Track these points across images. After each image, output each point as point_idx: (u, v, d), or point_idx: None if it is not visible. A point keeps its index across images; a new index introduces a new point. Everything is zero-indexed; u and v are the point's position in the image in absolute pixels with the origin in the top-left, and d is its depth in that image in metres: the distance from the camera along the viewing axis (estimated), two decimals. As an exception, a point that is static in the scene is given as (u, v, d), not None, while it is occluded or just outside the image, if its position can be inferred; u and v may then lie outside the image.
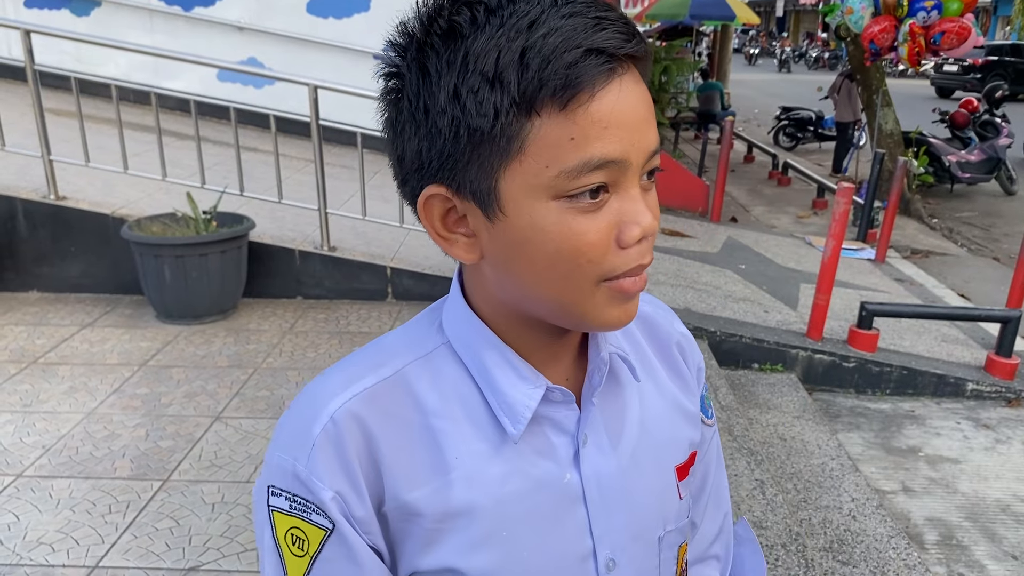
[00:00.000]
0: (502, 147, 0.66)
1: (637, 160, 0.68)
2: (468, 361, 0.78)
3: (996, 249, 8.37)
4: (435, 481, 0.75)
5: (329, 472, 0.73)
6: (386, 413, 0.75)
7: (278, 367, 4.16)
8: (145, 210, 4.99)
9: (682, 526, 0.90)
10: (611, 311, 0.72)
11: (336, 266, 5.08)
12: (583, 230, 0.67)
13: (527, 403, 0.76)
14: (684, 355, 0.93)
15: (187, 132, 5.60)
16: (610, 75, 0.65)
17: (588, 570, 0.81)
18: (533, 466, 0.78)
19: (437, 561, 0.76)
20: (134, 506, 2.98)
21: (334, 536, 0.73)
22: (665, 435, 0.88)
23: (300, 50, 7.95)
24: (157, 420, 3.58)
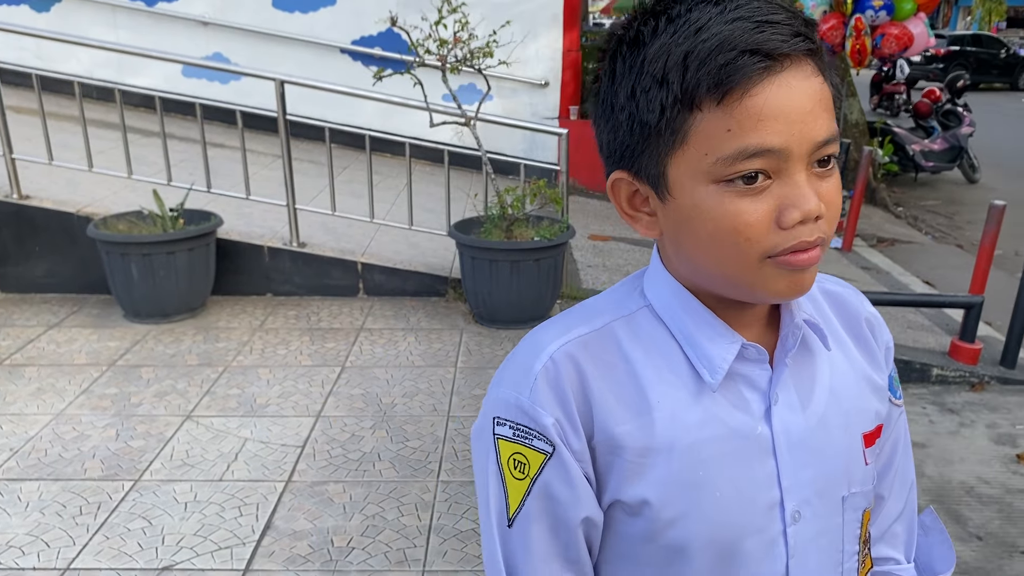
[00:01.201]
0: (667, 138, 0.77)
1: (799, 149, 0.74)
2: (669, 321, 0.87)
3: (959, 236, 8.51)
4: (639, 418, 0.83)
5: (549, 402, 0.83)
6: (596, 357, 0.85)
7: (248, 365, 4.14)
8: (111, 208, 4.94)
9: (867, 491, 0.94)
10: (779, 283, 0.78)
11: (306, 262, 5.06)
12: (739, 211, 0.75)
13: (725, 356, 0.84)
14: (874, 332, 0.98)
15: (152, 129, 5.54)
16: (766, 72, 0.73)
17: (774, 518, 0.87)
18: (729, 415, 0.85)
19: (636, 493, 0.84)
20: (105, 507, 2.96)
21: (553, 459, 0.83)
22: (853, 402, 0.92)
23: (266, 45, 7.88)
24: (127, 420, 3.55)
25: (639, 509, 0.84)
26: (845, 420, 0.91)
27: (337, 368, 4.14)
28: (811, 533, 0.89)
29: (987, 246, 4.91)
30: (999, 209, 4.78)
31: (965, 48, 24.55)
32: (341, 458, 3.32)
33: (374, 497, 3.07)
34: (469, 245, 4.61)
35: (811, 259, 0.77)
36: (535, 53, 8.04)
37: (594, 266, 5.98)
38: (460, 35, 4.62)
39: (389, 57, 7.37)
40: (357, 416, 3.66)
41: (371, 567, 2.69)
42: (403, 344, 4.45)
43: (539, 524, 0.85)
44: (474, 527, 2.90)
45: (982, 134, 11.87)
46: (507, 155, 6.61)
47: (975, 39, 25.68)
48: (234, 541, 2.79)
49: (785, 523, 0.87)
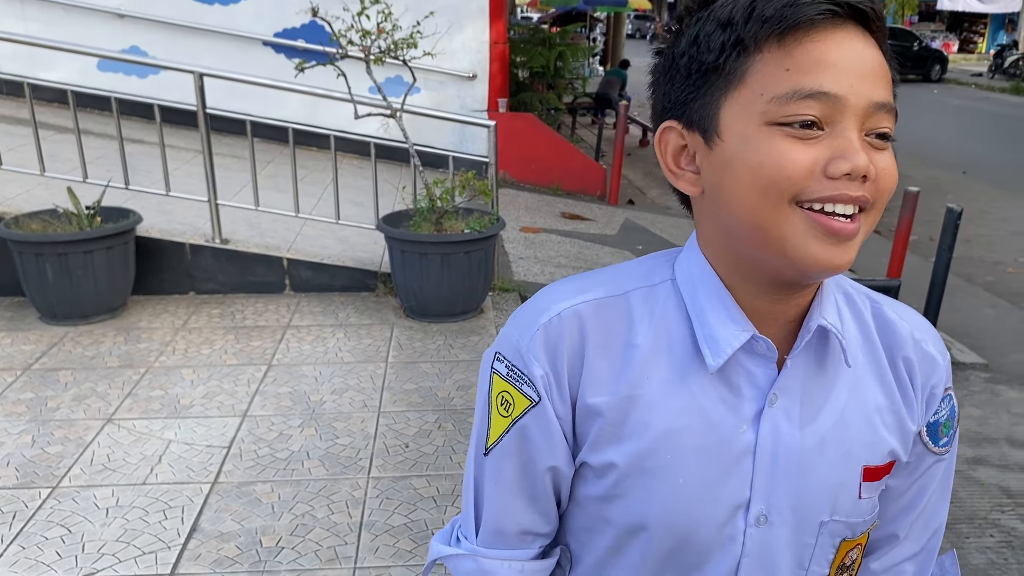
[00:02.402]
0: (725, 79, 0.77)
1: (856, 103, 0.73)
2: (687, 298, 0.86)
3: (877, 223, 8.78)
4: (623, 392, 0.84)
5: (543, 355, 0.85)
6: (603, 323, 0.86)
7: (172, 365, 4.03)
8: (23, 207, 4.75)
9: (854, 523, 0.90)
10: (814, 245, 0.75)
11: (229, 259, 4.94)
12: (788, 150, 0.73)
13: (732, 341, 0.83)
14: (911, 371, 0.91)
15: (66, 125, 5.35)
16: (830, 22, 0.73)
17: (737, 517, 0.86)
18: (714, 407, 0.84)
19: (605, 458, 0.86)
20: (21, 516, 2.85)
21: (537, 408, 0.86)
22: (864, 431, 0.88)
23: (185, 38, 7.68)
24: (44, 425, 3.43)
25: (605, 472, 0.87)
26: (847, 447, 0.88)
27: (263, 367, 4.06)
28: (774, 541, 0.88)
29: (903, 231, 5.07)
30: (913, 195, 4.94)
31: (881, 41, 25.29)
32: (269, 457, 3.26)
33: (303, 496, 3.02)
34: (399, 239, 4.57)
35: (847, 230, 0.74)
36: (462, 45, 8.00)
37: (526, 258, 5.99)
38: (383, 26, 4.57)
39: (312, 49, 7.24)
40: (285, 415, 3.60)
41: (301, 566, 2.65)
42: (332, 340, 4.39)
43: (512, 460, 0.89)
44: (406, 522, 2.88)
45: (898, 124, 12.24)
46: (436, 148, 6.57)
47: (890, 32, 26.44)
48: (159, 545, 2.72)
49: (747, 523, 0.86)
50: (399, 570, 2.64)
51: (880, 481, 0.91)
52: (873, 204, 0.77)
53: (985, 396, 4.44)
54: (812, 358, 0.86)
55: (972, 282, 6.70)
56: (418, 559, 2.69)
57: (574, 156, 8.89)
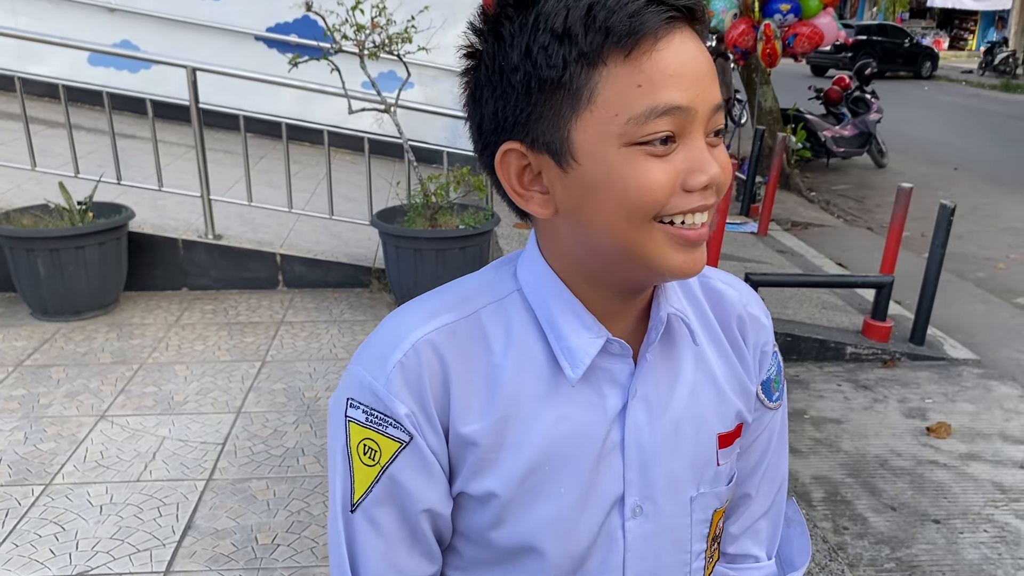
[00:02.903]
0: (572, 97, 0.72)
1: (703, 111, 0.72)
2: (537, 309, 0.84)
3: (869, 219, 8.80)
4: (492, 415, 0.82)
5: (405, 393, 0.80)
6: (459, 347, 0.82)
7: (165, 361, 4.01)
8: (14, 202, 4.72)
9: (719, 491, 0.93)
10: (675, 255, 0.76)
11: (222, 255, 4.92)
12: (651, 170, 0.72)
13: (588, 350, 0.82)
14: (744, 331, 0.95)
15: (58, 120, 5.31)
16: (671, 24, 0.71)
17: (614, 512, 0.87)
18: (583, 413, 0.84)
19: (484, 486, 0.83)
20: (14, 513, 2.83)
21: (410, 447, 0.81)
22: (713, 402, 0.91)
23: (177, 32, 7.62)
24: (36, 422, 3.41)
25: (487, 500, 0.84)
26: (701, 420, 0.90)
27: (257, 363, 4.04)
28: (652, 529, 0.89)
29: (896, 228, 5.08)
30: (906, 192, 4.94)
31: (872, 38, 25.36)
32: (264, 454, 3.25)
33: (298, 492, 3.01)
34: (393, 234, 4.55)
35: (702, 236, 0.76)
36: (456, 40, 7.89)
37: (518, 254, 5.98)
38: (378, 20, 4.55)
39: (306, 44, 7.20)
40: (279, 411, 3.59)
41: (297, 563, 2.64)
42: (326, 337, 4.38)
43: (385, 510, 0.83)
44: (402, 518, 2.88)
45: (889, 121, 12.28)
46: (430, 143, 6.55)
47: (881, 29, 26.57)
48: (153, 543, 2.71)
49: (624, 517, 0.87)
50: (395, 567, 2.64)
51: (733, 445, 0.94)
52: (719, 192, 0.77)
53: (978, 392, 4.46)
54: (662, 345, 0.88)
55: (964, 278, 6.72)
56: (414, 556, 2.69)
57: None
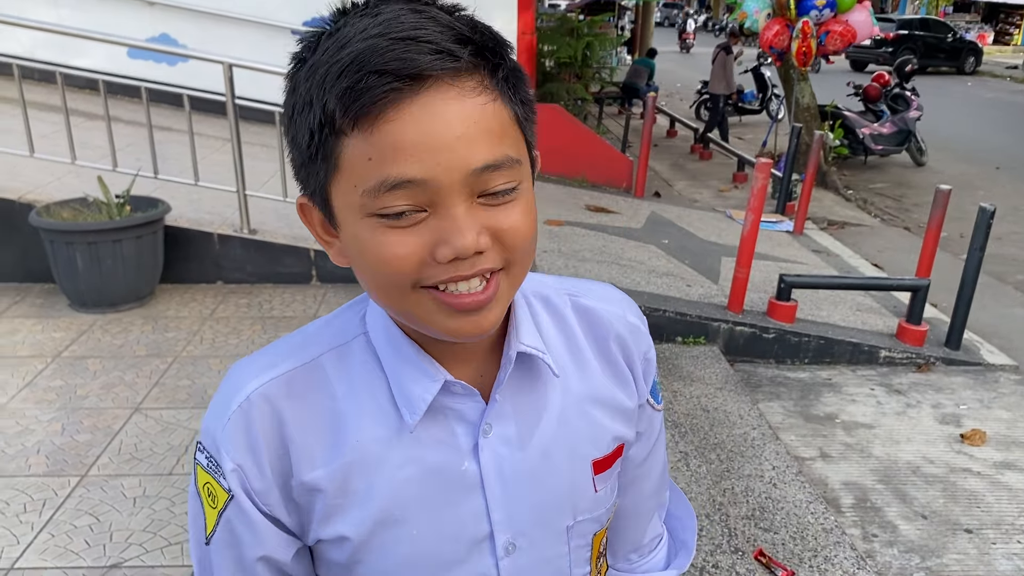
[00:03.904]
0: (322, 165, 0.71)
1: (448, 179, 0.68)
2: (380, 354, 0.83)
3: (907, 219, 8.67)
4: (337, 461, 0.81)
5: (235, 446, 0.80)
6: (298, 397, 0.81)
7: (199, 355, 4.07)
8: (54, 195, 4.80)
9: (597, 515, 0.92)
10: (448, 321, 0.74)
11: (257, 249, 4.98)
12: (392, 244, 0.70)
13: (424, 396, 0.81)
14: (624, 348, 0.93)
15: (97, 112, 5.39)
16: (402, 95, 0.66)
17: (484, 551, 0.85)
18: (430, 453, 0.82)
19: (335, 531, 0.82)
20: (51, 504, 2.89)
21: (233, 502, 0.81)
22: (584, 429, 0.89)
23: (214, 25, 7.71)
24: (73, 413, 3.47)
25: (340, 543, 0.83)
26: (572, 448, 0.88)
27: (290, 357, 4.08)
28: (529, 562, 0.88)
29: (933, 230, 5.01)
30: (944, 193, 4.87)
31: (913, 32, 24.96)
32: (294, 449, 3.28)
33: (328, 488, 3.04)
34: (423, 231, 4.57)
35: (476, 302, 0.73)
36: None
37: (549, 251, 5.97)
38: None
39: (341, 39, 7.25)
40: (310, 406, 3.62)
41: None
42: (357, 332, 4.41)
43: (227, 553, 0.84)
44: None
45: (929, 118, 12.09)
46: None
47: (923, 23, 26.12)
48: (185, 536, 2.75)
49: (497, 556, 0.86)
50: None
51: (611, 468, 0.92)
52: (510, 261, 0.74)
53: (1015, 399, 4.38)
54: (519, 379, 0.86)
55: (1003, 281, 6.61)
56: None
57: (600, 147, 8.84)
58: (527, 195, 0.74)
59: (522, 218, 0.73)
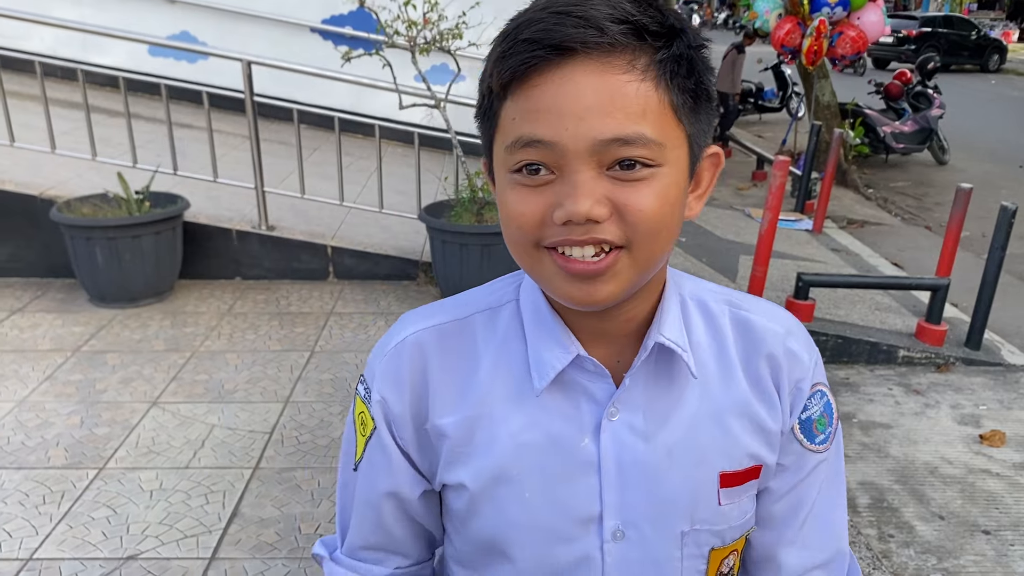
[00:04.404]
0: (487, 124, 0.79)
1: (575, 145, 0.71)
2: (525, 321, 0.88)
3: (928, 218, 8.59)
4: (465, 412, 0.87)
5: (384, 380, 0.90)
6: (445, 347, 0.89)
7: (216, 350, 4.10)
8: (75, 191, 4.85)
9: (720, 530, 0.90)
10: (564, 285, 0.77)
11: (275, 246, 5.01)
12: (519, 200, 0.75)
13: (554, 364, 0.85)
14: (775, 369, 0.91)
15: (117, 109, 5.45)
16: (548, 64, 0.71)
17: (591, 531, 0.87)
18: (553, 423, 0.86)
19: (455, 478, 0.89)
20: (69, 496, 2.92)
21: (376, 432, 0.91)
22: (718, 439, 0.88)
23: (234, 23, 7.76)
24: (92, 407, 3.51)
25: (459, 491, 0.90)
26: (701, 454, 0.88)
27: (306, 353, 4.11)
28: (636, 557, 0.88)
29: (954, 229, 4.96)
30: (966, 192, 4.82)
31: (936, 30, 24.70)
32: (309, 444, 3.30)
33: (342, 483, 3.05)
34: (439, 229, 4.58)
35: (588, 270, 0.75)
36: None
37: (566, 248, 5.97)
38: (429, 16, 4.57)
39: (360, 36, 7.29)
40: (326, 402, 3.64)
41: (339, 554, 2.68)
42: (373, 328, 4.43)
43: (366, 479, 0.94)
44: (442, 513, 2.90)
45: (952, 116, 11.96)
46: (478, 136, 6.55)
47: (946, 21, 25.84)
48: (200, 529, 2.77)
49: (603, 539, 0.87)
50: (434, 561, 2.66)
51: (744, 486, 0.90)
52: (632, 241, 0.75)
53: (1035, 400, 4.33)
54: (656, 372, 0.87)
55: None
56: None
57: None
58: (665, 180, 0.75)
59: (650, 199, 0.74)
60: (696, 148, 0.79)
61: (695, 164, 0.80)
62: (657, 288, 0.87)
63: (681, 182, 0.77)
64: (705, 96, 0.77)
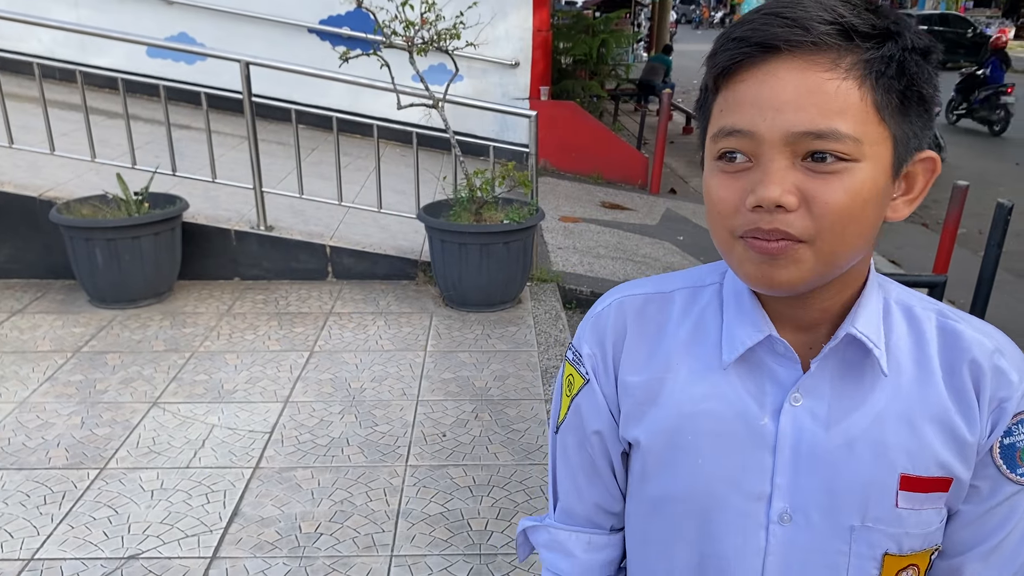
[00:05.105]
0: (704, 114, 0.84)
1: (771, 136, 0.76)
2: (725, 300, 0.93)
3: (925, 215, 8.61)
4: (654, 375, 0.93)
5: (592, 338, 0.98)
6: (645, 315, 0.96)
7: (216, 350, 4.11)
8: (74, 192, 4.86)
9: (895, 534, 0.87)
10: (747, 266, 0.81)
11: (274, 246, 5.02)
12: (717, 186, 0.81)
13: (745, 340, 0.88)
14: (977, 379, 0.87)
15: (116, 110, 5.46)
16: (754, 61, 0.77)
17: (758, 510, 0.89)
18: (736, 398, 0.89)
19: (633, 433, 0.95)
20: (70, 496, 2.93)
21: (587, 385, 0.98)
22: (905, 439, 0.86)
23: (232, 24, 7.77)
24: (92, 407, 3.52)
25: (636, 449, 0.96)
26: (883, 451, 0.86)
27: (305, 353, 4.12)
28: (802, 543, 0.88)
29: (950, 226, 4.97)
30: (962, 190, 4.84)
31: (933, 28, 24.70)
32: (309, 443, 3.32)
33: (342, 482, 3.07)
34: (438, 228, 4.59)
35: (770, 249, 0.78)
36: (505, 33, 7.99)
37: (564, 248, 5.99)
38: (427, 16, 4.58)
39: (357, 37, 7.30)
40: (326, 401, 3.65)
41: (339, 552, 2.69)
42: (372, 328, 4.44)
43: (571, 435, 1.02)
44: (442, 511, 2.92)
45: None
46: (477, 136, 6.58)
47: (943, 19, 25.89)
48: (201, 528, 2.79)
49: (769, 519, 0.88)
50: (435, 559, 2.68)
51: (928, 495, 0.87)
52: (815, 235, 0.77)
53: (1032, 396, 4.35)
54: (846, 365, 0.87)
55: (1022, 278, 6.55)
56: (454, 548, 2.73)
57: (615, 144, 8.84)
58: (860, 176, 0.76)
59: (839, 194, 0.76)
60: (902, 149, 0.80)
61: (901, 165, 0.81)
62: (856, 283, 0.88)
63: (880, 181, 0.78)
64: (917, 99, 0.78)
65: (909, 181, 0.84)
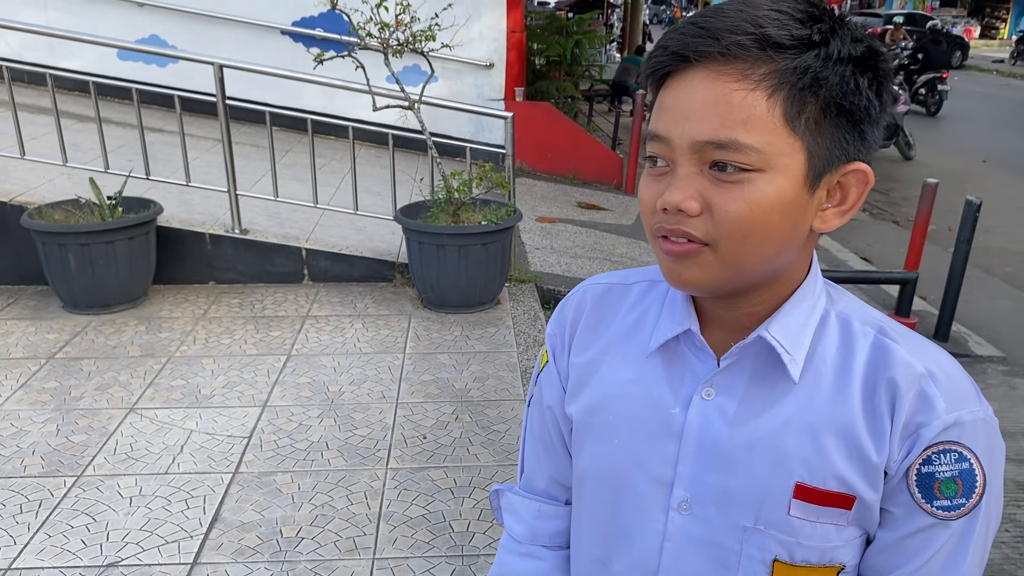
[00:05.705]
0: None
1: (680, 142, 0.79)
2: (668, 295, 0.97)
3: (896, 213, 8.72)
4: (593, 354, 1.00)
5: (556, 321, 1.07)
6: (602, 302, 1.02)
7: (192, 355, 4.08)
8: (46, 197, 4.80)
9: (786, 542, 0.87)
10: (663, 263, 0.86)
11: (249, 249, 4.99)
12: (643, 187, 0.86)
13: (667, 332, 0.93)
14: (893, 400, 0.84)
15: (88, 114, 5.40)
16: (675, 70, 0.80)
17: (660, 495, 0.93)
18: (655, 385, 0.94)
19: (570, 408, 1.02)
20: (47, 504, 2.90)
21: (549, 362, 1.07)
22: (805, 450, 0.85)
23: (204, 26, 7.71)
24: (68, 414, 3.48)
25: (573, 424, 1.02)
26: (780, 459, 0.86)
27: (283, 357, 4.10)
28: (697, 534, 0.91)
29: (921, 223, 5.05)
30: (932, 187, 4.91)
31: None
32: (288, 448, 3.30)
33: (323, 486, 3.06)
34: (416, 230, 4.59)
35: (675, 250, 0.82)
36: (479, 34, 7.99)
37: (542, 248, 6.00)
38: (402, 18, 4.57)
39: (331, 38, 7.26)
40: (304, 405, 3.64)
41: (321, 556, 2.69)
42: (350, 331, 4.43)
43: (535, 410, 1.10)
44: (424, 514, 2.92)
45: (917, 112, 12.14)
46: (453, 137, 6.58)
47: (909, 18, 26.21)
48: (181, 535, 2.77)
49: (669, 506, 0.92)
50: (417, 561, 2.68)
51: (825, 508, 0.86)
52: (716, 240, 0.80)
53: (1002, 389, 4.43)
54: (762, 368, 0.88)
55: (991, 273, 6.66)
56: (436, 550, 2.73)
57: (590, 145, 8.87)
58: (762, 186, 0.78)
59: (739, 203, 0.78)
60: (818, 161, 0.79)
61: (819, 177, 0.80)
62: (787, 291, 0.88)
63: (789, 192, 0.78)
64: (836, 110, 0.78)
65: (843, 193, 0.83)
